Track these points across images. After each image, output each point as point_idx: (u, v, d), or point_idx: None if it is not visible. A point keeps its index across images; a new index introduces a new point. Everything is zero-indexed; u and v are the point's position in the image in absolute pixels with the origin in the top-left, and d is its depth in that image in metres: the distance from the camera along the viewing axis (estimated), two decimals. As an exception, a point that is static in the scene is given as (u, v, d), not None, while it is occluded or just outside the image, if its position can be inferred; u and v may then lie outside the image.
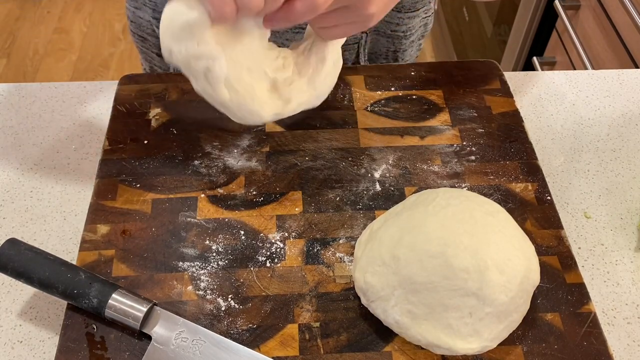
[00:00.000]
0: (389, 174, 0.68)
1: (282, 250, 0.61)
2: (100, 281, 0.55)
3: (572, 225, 0.67)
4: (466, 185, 0.67)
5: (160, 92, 0.75)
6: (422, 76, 0.78)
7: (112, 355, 0.54)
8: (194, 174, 0.67)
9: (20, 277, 0.56)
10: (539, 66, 1.47)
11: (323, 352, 0.55)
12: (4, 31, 2.53)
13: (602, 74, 0.84)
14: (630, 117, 0.79)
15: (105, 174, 0.67)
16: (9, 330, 0.58)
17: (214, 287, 0.59)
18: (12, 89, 0.80)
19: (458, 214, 0.54)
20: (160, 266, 0.60)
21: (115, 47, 2.49)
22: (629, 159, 0.74)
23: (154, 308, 0.56)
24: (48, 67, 2.39)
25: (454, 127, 0.72)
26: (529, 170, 0.68)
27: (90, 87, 0.80)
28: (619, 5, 1.20)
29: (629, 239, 0.66)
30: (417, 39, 0.91)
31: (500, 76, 0.78)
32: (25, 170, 0.71)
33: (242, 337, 0.55)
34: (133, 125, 0.72)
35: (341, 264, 0.60)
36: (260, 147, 0.70)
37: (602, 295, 0.61)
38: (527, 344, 0.55)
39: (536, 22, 1.52)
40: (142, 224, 0.63)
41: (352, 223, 0.64)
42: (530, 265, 0.54)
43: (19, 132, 0.75)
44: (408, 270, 0.53)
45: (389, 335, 0.56)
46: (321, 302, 0.58)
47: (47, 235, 0.65)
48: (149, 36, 0.88)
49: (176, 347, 0.54)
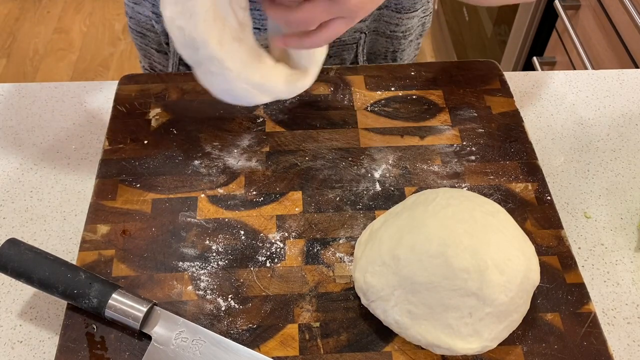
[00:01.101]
0: (389, 174, 0.68)
1: (282, 250, 0.61)
2: (100, 281, 0.55)
3: (572, 225, 0.67)
4: (466, 185, 0.67)
5: (160, 92, 0.75)
6: (422, 76, 0.78)
7: (112, 355, 0.54)
8: (194, 174, 0.67)
9: (20, 277, 0.56)
10: (539, 66, 1.47)
11: (323, 352, 0.55)
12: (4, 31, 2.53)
13: (602, 74, 0.84)
14: (630, 117, 0.79)
15: (105, 174, 0.67)
16: (9, 330, 0.58)
17: (214, 287, 0.59)
18: (12, 89, 0.80)
19: (458, 214, 0.54)
20: (160, 266, 0.60)
21: (115, 47, 2.49)
22: (629, 159, 0.74)
23: (154, 308, 0.56)
24: (48, 67, 2.39)
25: (454, 127, 0.72)
26: (529, 170, 0.68)
27: (90, 87, 0.80)
28: (619, 5, 1.20)
29: (629, 239, 0.66)
30: (416, 39, 0.91)
31: (500, 76, 0.78)
32: (25, 170, 0.71)
33: (242, 337, 0.55)
34: (133, 125, 0.72)
35: (341, 264, 0.60)
36: (260, 147, 0.70)
37: (602, 295, 0.61)
38: (527, 344, 0.55)
39: (536, 22, 1.52)
40: (142, 224, 0.63)
41: (352, 223, 0.64)
42: (530, 265, 0.54)
43: (19, 132, 0.75)
44: (408, 270, 0.53)
45: (389, 335, 0.56)
46: (321, 302, 0.58)
47: (47, 235, 0.65)
48: (148, 32, 0.88)
49: (176, 347, 0.54)
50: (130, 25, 0.90)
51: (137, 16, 0.87)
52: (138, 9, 0.86)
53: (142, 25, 0.87)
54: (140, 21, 0.87)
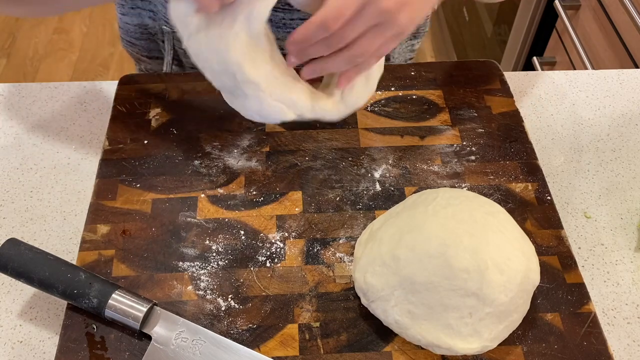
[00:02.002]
0: (389, 174, 0.68)
1: (282, 250, 0.61)
2: (100, 281, 0.55)
3: (572, 225, 0.67)
4: (466, 185, 0.67)
5: (160, 92, 0.75)
6: (422, 76, 0.78)
7: (112, 355, 0.54)
8: (194, 174, 0.67)
9: (20, 277, 0.56)
10: (539, 66, 1.47)
11: (323, 352, 0.55)
12: (4, 31, 2.53)
13: (602, 74, 0.84)
14: (630, 117, 0.79)
15: (105, 174, 0.67)
16: (9, 330, 0.58)
17: (214, 287, 0.59)
18: (12, 89, 0.80)
19: (458, 214, 0.54)
20: (160, 266, 0.60)
21: (115, 47, 2.49)
22: (629, 159, 0.74)
23: (154, 308, 0.56)
24: (48, 67, 2.39)
25: (454, 127, 0.72)
26: (529, 170, 0.68)
27: (90, 87, 0.80)
28: (619, 5, 1.20)
29: (629, 239, 0.66)
30: (408, 39, 0.91)
31: (500, 76, 0.78)
32: (25, 170, 0.71)
33: (242, 337, 0.55)
34: (133, 125, 0.72)
35: (341, 264, 0.60)
36: (260, 147, 0.70)
37: (602, 295, 0.61)
38: (527, 344, 0.55)
39: (536, 22, 1.52)
40: (142, 224, 0.63)
41: (352, 223, 0.64)
42: (530, 265, 0.54)
43: (19, 132, 0.75)
44: (408, 271, 0.53)
45: (389, 335, 0.56)
46: (321, 302, 0.58)
47: (47, 235, 0.65)
48: (137, 40, 0.90)
49: (176, 347, 0.54)
50: (120, 35, 0.91)
51: (126, 26, 0.89)
52: (126, 20, 0.88)
53: (131, 35, 0.89)
54: (129, 31, 0.89)
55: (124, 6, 0.86)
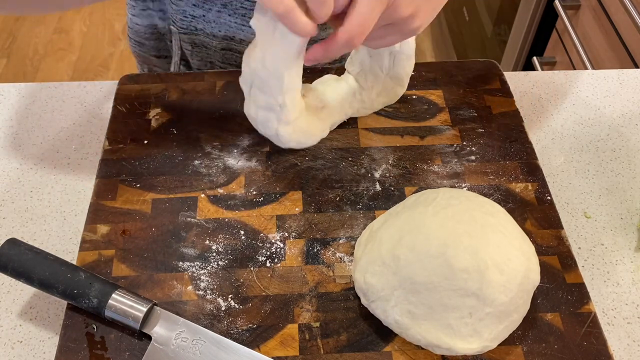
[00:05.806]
0: (389, 174, 0.68)
1: (282, 250, 0.61)
2: (100, 281, 0.55)
3: (572, 225, 0.67)
4: (466, 185, 0.67)
5: (160, 92, 0.75)
6: (422, 76, 0.78)
7: (112, 355, 0.54)
8: (194, 174, 0.67)
9: (20, 277, 0.56)
10: (539, 66, 1.47)
11: (323, 352, 0.55)
12: (4, 31, 2.53)
13: (602, 74, 0.84)
14: (630, 117, 0.79)
15: (105, 174, 0.67)
16: (9, 330, 0.58)
17: (214, 287, 0.59)
18: (12, 89, 0.80)
19: (458, 214, 0.54)
20: (160, 266, 0.60)
21: (115, 47, 2.49)
22: (629, 159, 0.74)
23: (154, 308, 0.56)
24: (48, 67, 2.39)
25: (454, 127, 0.72)
26: (529, 170, 0.68)
27: (90, 87, 0.80)
28: (619, 5, 1.20)
29: (629, 239, 0.66)
30: None
31: (500, 76, 0.78)
32: (25, 170, 0.71)
33: (242, 337, 0.55)
34: (133, 125, 0.72)
35: (341, 264, 0.60)
36: (260, 147, 0.70)
37: (602, 295, 0.61)
38: (527, 344, 0.55)
39: (536, 22, 1.52)
40: (142, 224, 0.63)
41: (352, 223, 0.64)
42: (530, 265, 0.54)
43: (19, 132, 0.75)
44: (408, 271, 0.53)
45: (389, 335, 0.56)
46: (321, 302, 0.58)
47: (47, 235, 0.65)
48: (146, 41, 0.91)
49: (176, 347, 0.54)
50: (129, 35, 0.92)
51: (136, 27, 0.90)
52: (136, 20, 0.89)
53: (141, 35, 0.90)
54: (139, 32, 0.90)
55: (135, 7, 0.87)
